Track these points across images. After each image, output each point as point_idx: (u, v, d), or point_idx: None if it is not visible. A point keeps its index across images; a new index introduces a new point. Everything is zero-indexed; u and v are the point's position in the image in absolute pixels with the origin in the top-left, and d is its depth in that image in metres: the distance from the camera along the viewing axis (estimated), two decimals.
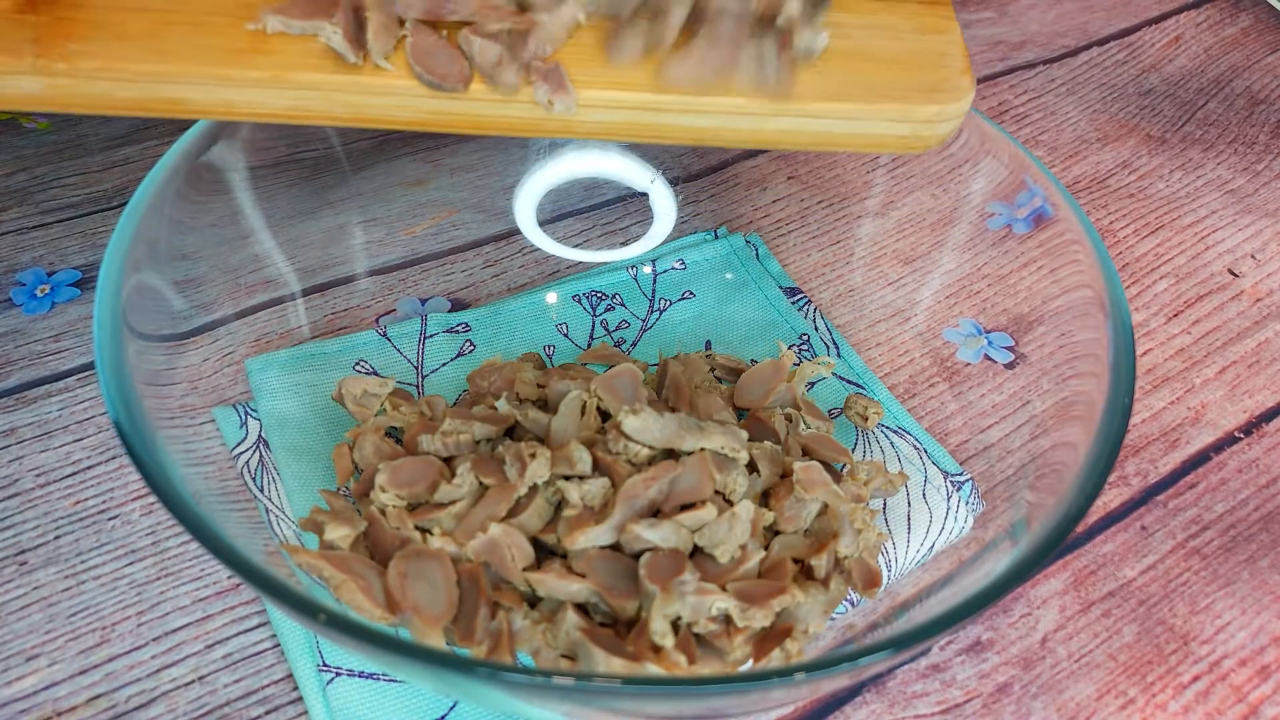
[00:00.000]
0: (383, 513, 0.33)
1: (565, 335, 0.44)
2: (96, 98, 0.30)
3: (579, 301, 0.45)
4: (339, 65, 0.31)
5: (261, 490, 0.36)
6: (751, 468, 0.36)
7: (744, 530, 0.32)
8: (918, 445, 0.40)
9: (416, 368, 0.42)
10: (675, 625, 0.31)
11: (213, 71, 0.30)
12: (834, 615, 0.34)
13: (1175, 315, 0.47)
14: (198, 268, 0.37)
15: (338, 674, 0.33)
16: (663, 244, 0.47)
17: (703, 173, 0.50)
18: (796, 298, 0.45)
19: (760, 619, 0.31)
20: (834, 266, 0.47)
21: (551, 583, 0.31)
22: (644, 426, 0.34)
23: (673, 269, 0.46)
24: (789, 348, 0.43)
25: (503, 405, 0.36)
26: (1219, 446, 0.42)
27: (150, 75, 0.30)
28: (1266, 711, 0.35)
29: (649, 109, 0.32)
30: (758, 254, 0.47)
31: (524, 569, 0.32)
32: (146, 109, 0.31)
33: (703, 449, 0.34)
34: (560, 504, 0.34)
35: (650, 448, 0.34)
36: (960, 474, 0.39)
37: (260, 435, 0.37)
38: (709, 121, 0.32)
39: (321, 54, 0.31)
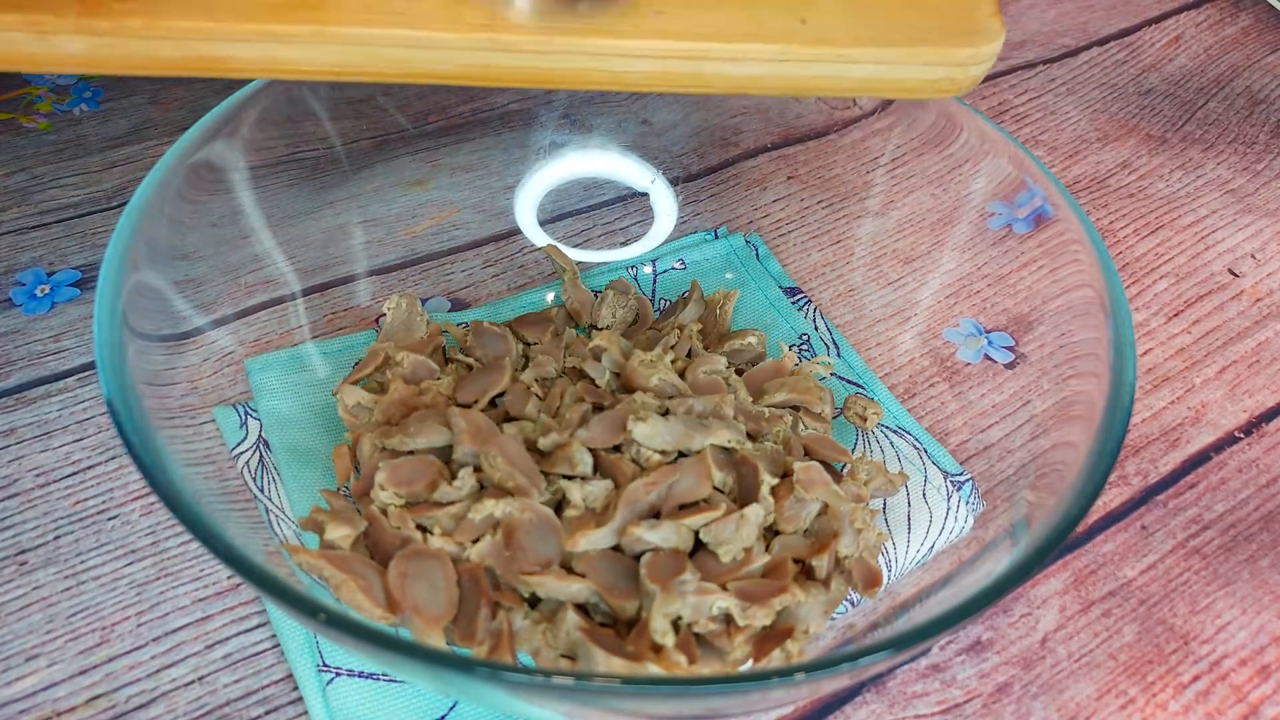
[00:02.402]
0: (383, 512, 0.33)
1: None
2: (140, 58, 0.29)
3: None
4: (385, 18, 0.30)
5: (261, 490, 0.36)
6: None
7: (751, 533, 0.32)
8: (918, 445, 0.40)
9: None
10: (675, 625, 0.31)
11: (258, 28, 0.29)
12: (834, 615, 0.34)
13: (1175, 315, 0.47)
14: (198, 268, 0.37)
15: (338, 674, 0.33)
16: (663, 244, 0.47)
17: (703, 173, 0.50)
18: (796, 298, 0.45)
19: (761, 618, 0.31)
20: (834, 266, 0.47)
21: (551, 583, 0.31)
22: (654, 433, 0.34)
23: (673, 269, 0.46)
24: (789, 348, 0.43)
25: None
26: (1219, 446, 0.42)
27: (196, 32, 0.29)
28: (1266, 711, 0.35)
29: (691, 58, 0.32)
30: (758, 254, 0.47)
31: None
32: (191, 68, 0.30)
33: (705, 448, 0.34)
34: (561, 503, 0.34)
35: (661, 452, 0.34)
36: (960, 474, 0.39)
37: (260, 435, 0.37)
38: (750, 70, 0.32)
39: (366, 7, 0.30)
